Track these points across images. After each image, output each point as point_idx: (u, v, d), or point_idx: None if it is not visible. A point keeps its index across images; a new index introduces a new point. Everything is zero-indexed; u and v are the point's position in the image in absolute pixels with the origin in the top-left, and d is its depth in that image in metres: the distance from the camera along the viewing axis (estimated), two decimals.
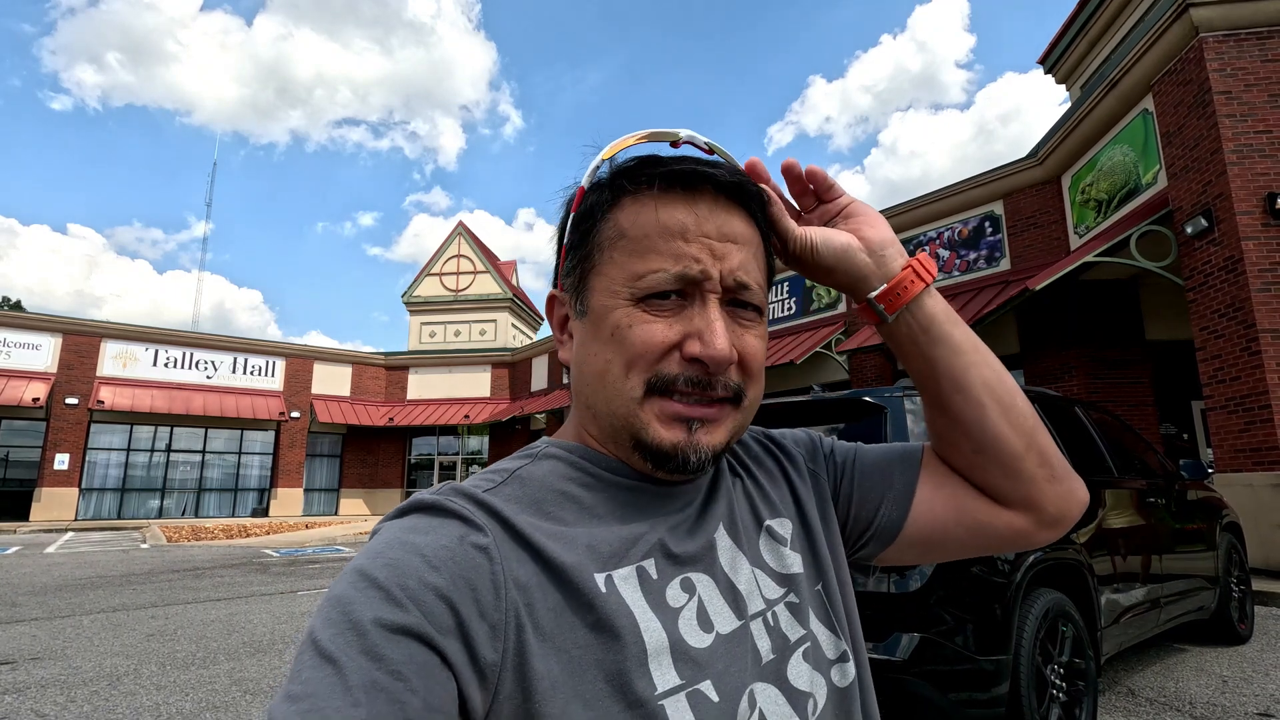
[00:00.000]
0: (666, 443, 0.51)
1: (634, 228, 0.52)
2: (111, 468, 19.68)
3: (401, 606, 0.40)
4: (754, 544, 0.58)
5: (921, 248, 12.16)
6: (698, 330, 0.51)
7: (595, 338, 0.53)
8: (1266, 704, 3.32)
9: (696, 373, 0.51)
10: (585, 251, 0.55)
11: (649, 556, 0.51)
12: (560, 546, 0.48)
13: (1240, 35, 7.18)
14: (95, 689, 3.78)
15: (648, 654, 0.46)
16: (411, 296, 25.07)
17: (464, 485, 0.50)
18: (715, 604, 0.51)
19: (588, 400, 0.55)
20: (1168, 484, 4.19)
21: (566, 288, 0.57)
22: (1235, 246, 6.87)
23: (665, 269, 0.51)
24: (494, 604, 0.43)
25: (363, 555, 0.44)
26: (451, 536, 0.45)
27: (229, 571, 8.88)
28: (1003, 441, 0.59)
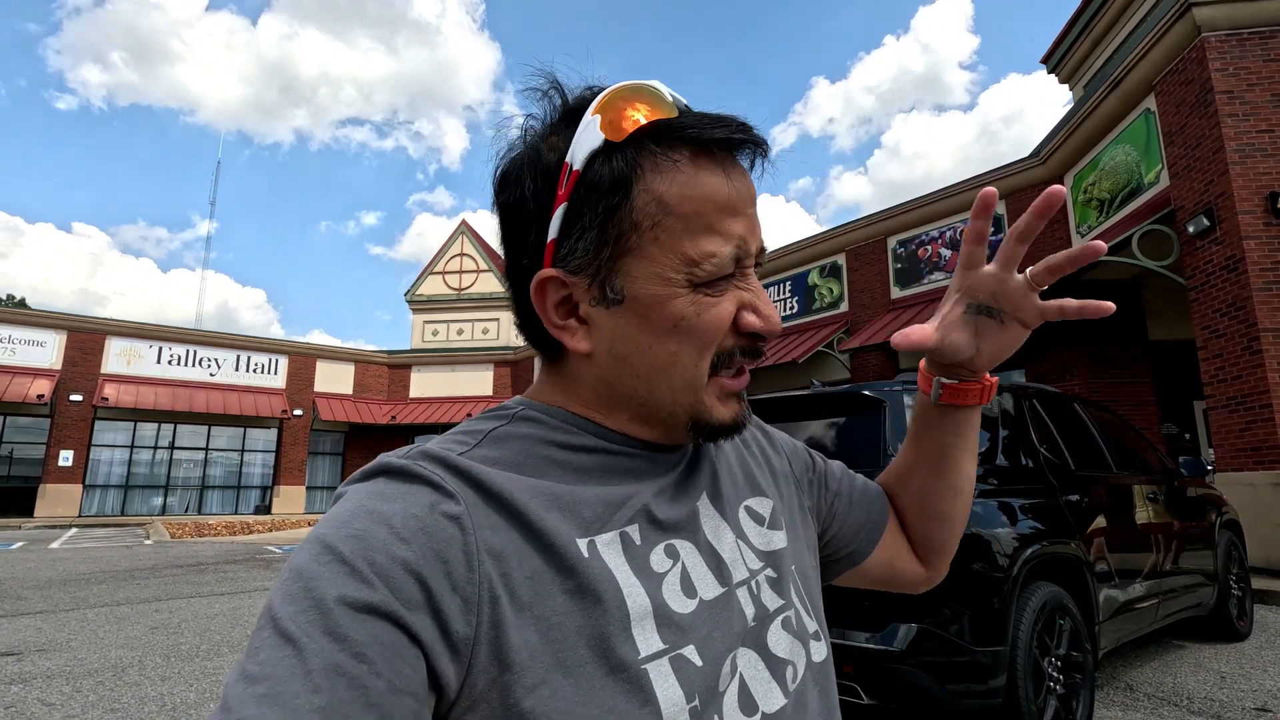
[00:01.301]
0: (728, 419, 0.52)
1: (681, 203, 0.47)
2: (115, 465, 19.73)
3: (367, 583, 0.38)
4: (736, 516, 0.58)
5: (924, 247, 12.18)
6: (749, 304, 0.50)
7: (648, 330, 0.48)
8: (1264, 700, 3.33)
9: (751, 343, 0.51)
10: (615, 230, 0.47)
11: (633, 522, 0.49)
12: (540, 507, 0.45)
13: (1243, 35, 7.18)
14: (100, 679, 3.82)
15: (630, 618, 0.44)
16: (415, 295, 25.12)
17: (434, 448, 0.47)
18: (699, 570, 0.50)
19: (634, 392, 0.51)
20: (1167, 481, 4.21)
21: (575, 269, 0.49)
22: (1237, 246, 6.88)
23: (722, 252, 0.48)
24: (466, 576, 0.41)
25: (326, 523, 0.42)
26: (421, 505, 0.42)
27: (232, 567, 8.92)
28: (953, 519, 0.72)
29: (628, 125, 0.47)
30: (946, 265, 11.79)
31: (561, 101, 0.51)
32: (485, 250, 25.72)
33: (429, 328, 24.99)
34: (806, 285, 14.29)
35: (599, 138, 0.47)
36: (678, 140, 0.47)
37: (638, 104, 0.47)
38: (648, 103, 0.48)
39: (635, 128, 0.47)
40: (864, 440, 2.91)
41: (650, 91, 0.48)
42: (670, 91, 0.49)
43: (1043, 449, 3.30)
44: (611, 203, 0.47)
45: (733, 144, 0.49)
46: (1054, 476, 3.20)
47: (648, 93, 0.48)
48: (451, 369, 24.04)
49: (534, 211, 0.50)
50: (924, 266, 12.14)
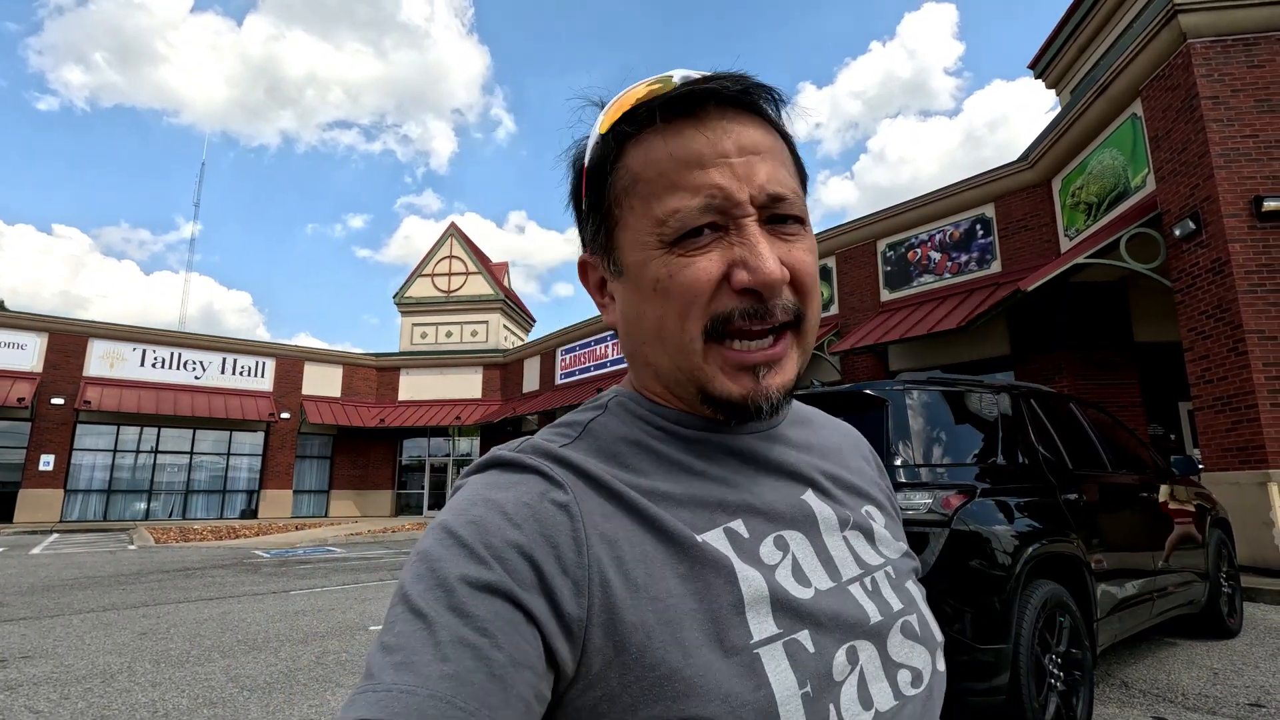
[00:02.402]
0: (735, 395, 0.49)
1: (646, 169, 0.49)
2: (97, 469, 19.43)
3: (485, 564, 0.41)
4: (855, 515, 0.56)
5: (914, 250, 12.27)
6: (740, 258, 0.47)
7: (640, 295, 0.50)
8: (1257, 695, 3.37)
9: (750, 303, 0.47)
10: (604, 208, 0.52)
11: (736, 516, 0.49)
12: (645, 497, 0.47)
13: (1227, 41, 7.30)
14: (89, 686, 3.75)
15: (745, 603, 0.45)
16: (403, 297, 24.96)
17: (539, 441, 0.50)
18: (810, 562, 0.50)
19: (646, 358, 0.52)
20: (1159, 480, 4.25)
21: (594, 250, 0.54)
22: (1222, 249, 6.98)
23: (687, 204, 0.47)
24: (576, 560, 0.43)
25: (447, 511, 0.45)
26: (532, 493, 0.45)
27: (219, 572, 8.80)
28: None
29: (610, 117, 0.51)
30: (936, 268, 11.88)
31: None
32: (474, 253, 25.61)
33: (417, 330, 24.84)
34: None
35: (595, 135, 0.53)
36: (648, 118, 0.49)
37: (630, 97, 0.51)
38: (635, 93, 0.51)
39: (615, 117, 0.51)
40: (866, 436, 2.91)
41: (650, 82, 0.51)
42: (683, 73, 0.51)
43: (1041, 448, 3.33)
44: (599, 184, 0.52)
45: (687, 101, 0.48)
46: (1052, 475, 3.23)
47: (645, 83, 0.51)
48: (440, 371, 23.90)
49: (573, 206, 0.57)
50: (913, 269, 12.23)
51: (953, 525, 2.67)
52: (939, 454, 3.02)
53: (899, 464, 2.81)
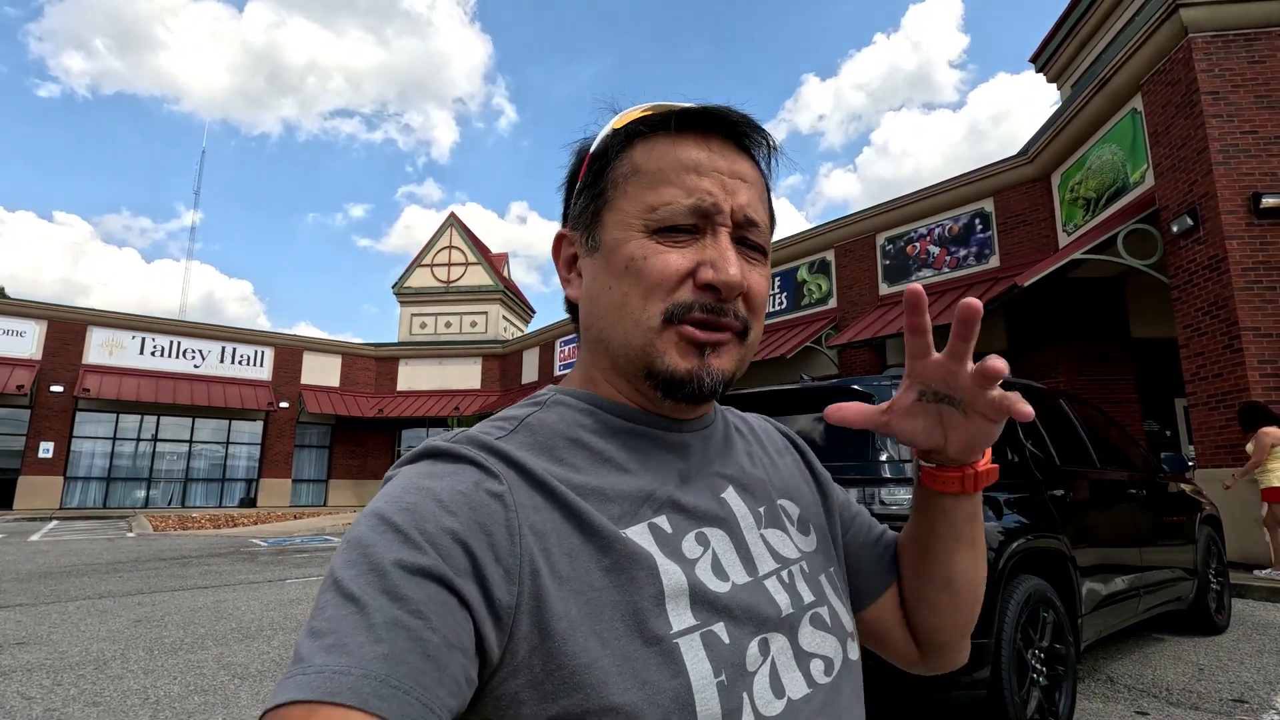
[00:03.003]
0: (681, 369, 0.52)
1: (648, 162, 0.54)
2: (97, 456, 19.49)
3: (419, 549, 0.41)
4: (770, 509, 0.59)
5: (913, 244, 12.24)
6: (710, 259, 0.52)
7: (609, 272, 0.54)
8: (1241, 691, 3.39)
9: (709, 299, 0.52)
10: (599, 189, 0.56)
11: (660, 512, 0.51)
12: (575, 492, 0.49)
13: (1228, 36, 7.26)
14: (82, 673, 3.77)
15: (665, 595, 0.47)
16: (402, 287, 24.94)
17: (475, 433, 0.51)
18: (729, 557, 0.52)
19: (600, 333, 0.55)
20: (1149, 477, 4.26)
21: (576, 226, 0.58)
22: (1219, 245, 6.96)
23: (679, 200, 0.52)
24: (509, 549, 0.44)
25: (379, 499, 0.45)
26: (466, 482, 0.45)
27: (216, 560, 8.85)
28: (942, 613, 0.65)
29: (626, 117, 0.57)
30: (935, 262, 11.86)
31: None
32: (474, 243, 25.57)
33: (416, 320, 24.83)
34: (795, 281, 14.33)
35: (608, 129, 0.58)
36: (661, 124, 0.55)
37: (650, 106, 0.57)
38: (658, 106, 0.57)
39: (633, 119, 0.56)
40: (853, 434, 2.92)
41: (666, 103, 0.57)
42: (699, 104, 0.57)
43: (1028, 444, 3.34)
44: (600, 167, 0.56)
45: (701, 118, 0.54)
46: (1039, 471, 3.23)
47: (663, 103, 0.57)
48: (439, 362, 23.91)
49: (567, 187, 0.61)
50: (913, 263, 12.21)
51: None
52: None
53: (884, 459, 2.82)
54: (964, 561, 0.62)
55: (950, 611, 0.64)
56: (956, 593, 0.63)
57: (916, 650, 0.68)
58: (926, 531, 0.62)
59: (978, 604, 0.65)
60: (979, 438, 0.54)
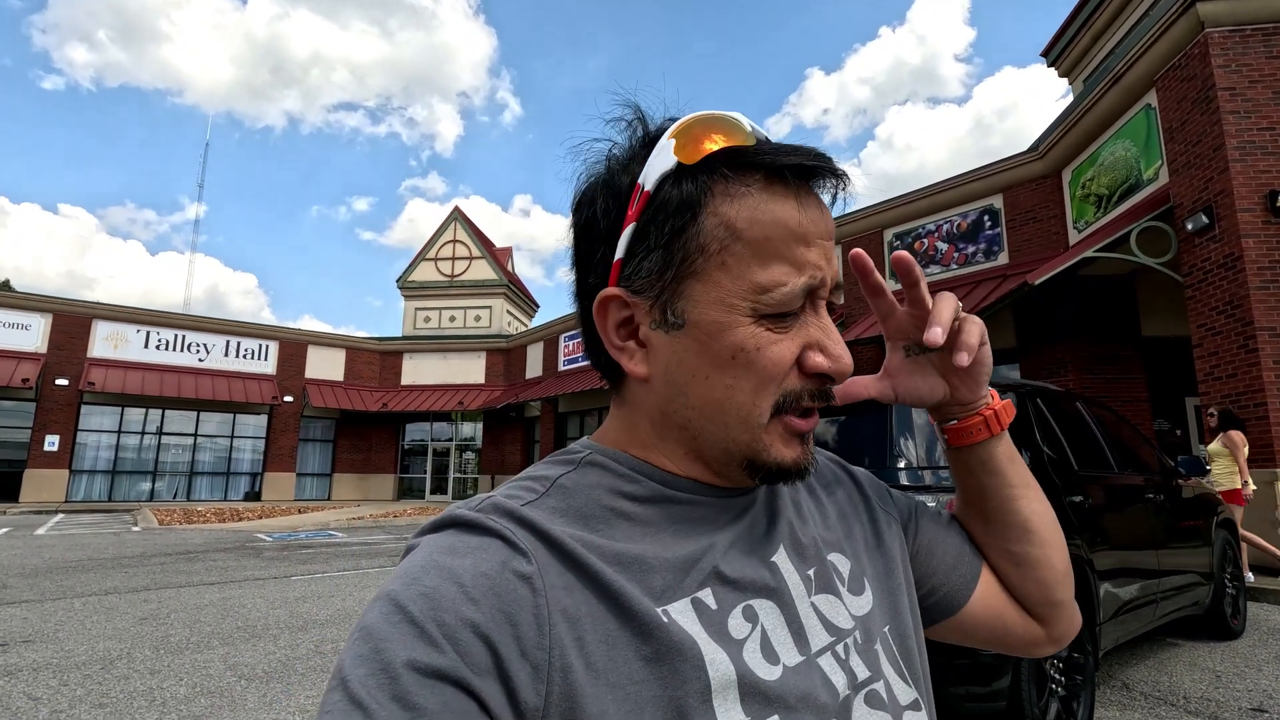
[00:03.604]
0: (789, 460, 0.48)
1: (751, 228, 0.46)
2: (102, 450, 19.54)
3: (436, 646, 0.37)
4: (820, 572, 0.54)
5: (920, 240, 12.15)
6: (817, 341, 0.47)
7: (706, 358, 0.47)
8: (1260, 699, 3.34)
9: (819, 385, 0.48)
10: (680, 252, 0.47)
11: (705, 585, 0.47)
12: (612, 569, 0.44)
13: (1246, 31, 7.14)
14: (88, 673, 3.76)
15: (711, 689, 0.42)
16: (406, 281, 24.92)
17: (502, 499, 0.46)
18: (779, 634, 0.48)
19: (687, 423, 0.49)
20: (1165, 480, 4.20)
21: (639, 290, 0.48)
22: (1235, 244, 6.87)
23: (792, 282, 0.46)
24: (537, 641, 0.39)
25: (397, 578, 0.41)
26: (493, 563, 0.41)
27: (221, 555, 8.85)
28: (1039, 564, 0.63)
29: (701, 150, 0.47)
30: (943, 259, 11.77)
31: (644, 131, 0.51)
32: (478, 237, 25.52)
33: (421, 314, 24.82)
34: None
35: (672, 161, 0.47)
36: (751, 166, 0.47)
37: (714, 131, 0.47)
38: (724, 130, 0.47)
39: (708, 152, 0.46)
40: (870, 440, 2.87)
41: (729, 120, 0.48)
42: (751, 123, 0.49)
43: (1046, 448, 3.28)
44: (679, 224, 0.47)
45: (806, 171, 0.47)
46: (1057, 476, 3.18)
47: (726, 121, 0.48)
48: (443, 356, 23.90)
49: (603, 230, 0.50)
50: (920, 260, 12.12)
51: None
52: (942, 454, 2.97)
53: (902, 465, 2.77)
54: (1030, 504, 0.62)
55: (1044, 560, 0.63)
56: (1042, 538, 0.63)
57: (1037, 625, 0.65)
58: (980, 492, 0.62)
59: (1063, 542, 0.65)
60: (978, 369, 0.57)
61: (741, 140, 0.47)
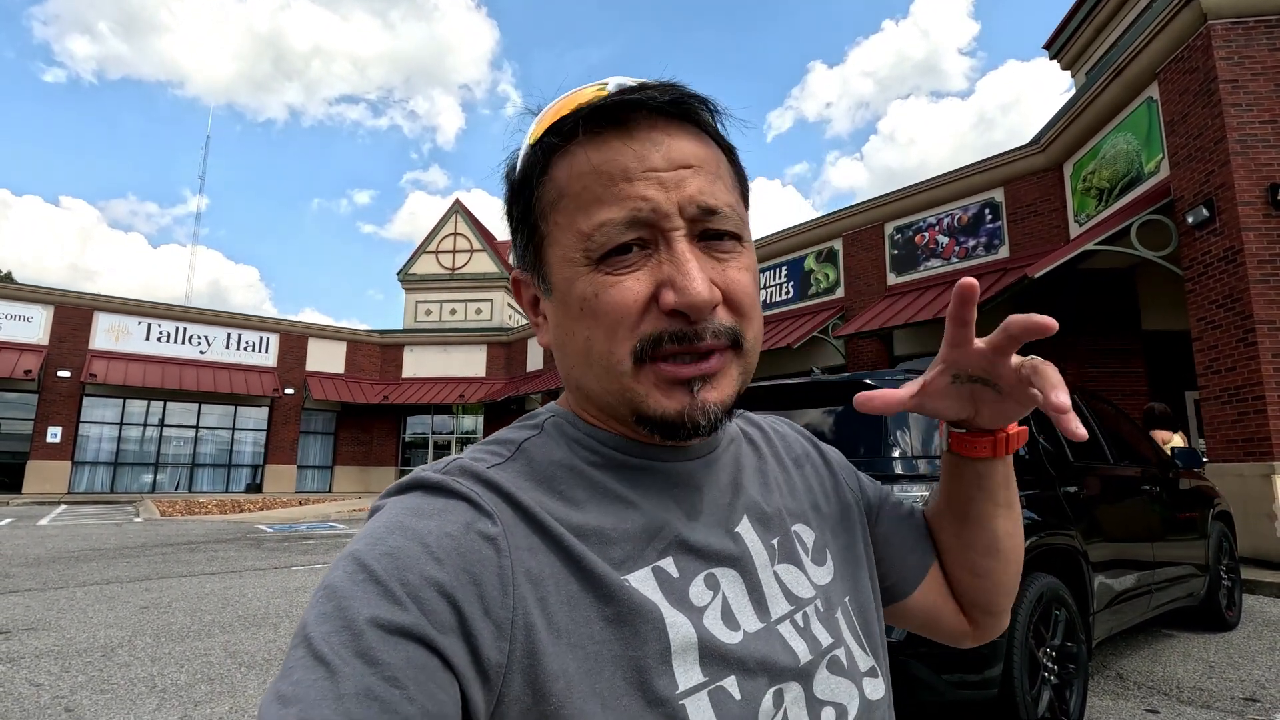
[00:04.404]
0: (670, 411, 0.46)
1: (572, 182, 0.47)
2: (104, 441, 19.61)
3: (400, 604, 0.37)
4: (784, 543, 0.55)
5: (921, 234, 12.13)
6: (668, 277, 0.45)
7: (568, 315, 0.48)
8: (1252, 689, 3.36)
9: (679, 325, 0.45)
10: (531, 224, 0.49)
11: (666, 554, 0.47)
12: (574, 533, 0.45)
13: (1249, 23, 7.11)
14: (89, 660, 3.79)
15: (671, 651, 0.43)
16: (407, 274, 24.91)
17: (469, 462, 0.47)
18: (740, 601, 0.49)
19: (578, 381, 0.50)
20: (1162, 472, 4.21)
21: (525, 267, 0.52)
22: (1236, 237, 6.86)
23: (612, 218, 0.45)
24: (500, 600, 0.40)
25: (361, 538, 0.41)
26: (457, 524, 0.42)
27: (223, 546, 8.89)
28: (992, 578, 0.65)
29: (539, 127, 0.49)
30: (943, 252, 11.75)
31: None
32: (479, 230, 25.49)
33: (421, 307, 24.82)
34: (802, 270, 14.24)
35: (524, 144, 0.51)
36: (568, 125, 0.47)
37: (564, 104, 0.48)
38: (570, 99, 0.49)
39: (543, 129, 0.49)
40: (864, 431, 2.88)
41: (583, 89, 0.49)
42: (621, 80, 0.48)
43: (1041, 440, 3.29)
44: (526, 199, 0.50)
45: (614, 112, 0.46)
46: (1052, 467, 3.19)
47: (578, 91, 0.49)
48: (444, 349, 23.92)
49: (508, 221, 0.54)
50: (921, 253, 12.10)
51: None
52: (938, 445, 2.98)
53: (896, 455, 2.78)
54: (1006, 524, 0.63)
55: (999, 576, 0.64)
56: (1004, 556, 0.64)
57: (966, 623, 0.68)
58: (964, 500, 0.62)
59: (1021, 561, 0.66)
60: (1011, 413, 0.55)
61: (583, 102, 0.47)
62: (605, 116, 0.46)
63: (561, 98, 0.50)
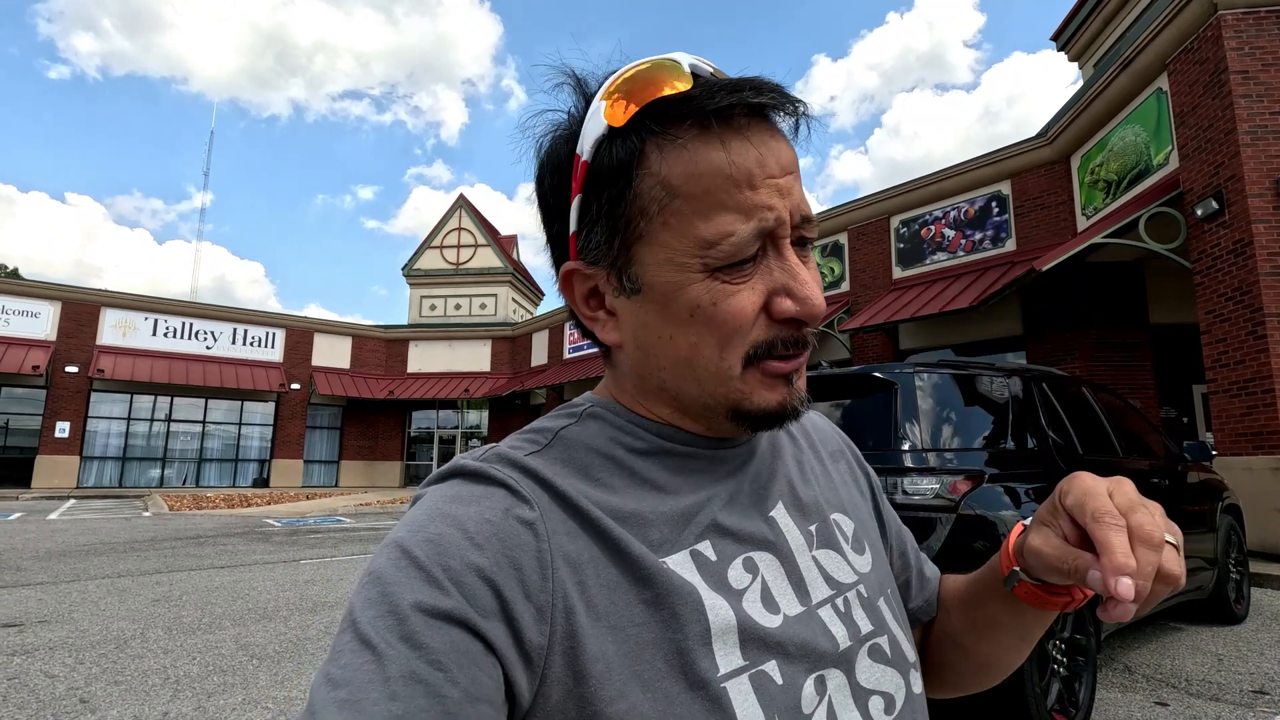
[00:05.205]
0: (773, 404, 0.47)
1: (688, 183, 0.43)
2: (112, 436, 19.72)
3: (442, 589, 0.38)
4: (822, 529, 0.55)
5: (927, 227, 12.08)
6: (783, 285, 0.45)
7: (667, 319, 0.46)
8: (1261, 682, 3.36)
9: (790, 332, 0.46)
10: (622, 218, 0.45)
11: (704, 538, 0.47)
12: (611, 516, 0.45)
13: (1260, 13, 7.04)
14: (103, 652, 3.82)
15: (711, 633, 0.43)
16: (412, 269, 24.93)
17: (506, 450, 0.47)
18: (780, 585, 0.48)
19: (664, 384, 0.49)
20: (1171, 465, 4.20)
21: (596, 262, 0.48)
22: (1245, 229, 6.81)
23: (739, 229, 0.43)
24: (540, 584, 0.40)
25: (404, 526, 0.42)
26: (496, 510, 0.42)
27: (231, 540, 8.95)
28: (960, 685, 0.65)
29: (629, 109, 0.44)
30: (949, 245, 11.71)
31: (584, 96, 0.49)
32: (483, 225, 25.49)
33: (426, 302, 24.85)
34: None
35: (603, 125, 0.45)
36: (680, 117, 0.44)
37: (644, 85, 0.45)
38: (654, 81, 0.44)
39: (633, 109, 0.44)
40: (874, 423, 2.88)
41: (662, 67, 0.45)
42: (693, 61, 0.46)
43: (1050, 432, 3.29)
44: (616, 191, 0.45)
45: (736, 110, 0.44)
46: (1062, 460, 3.19)
47: (659, 69, 0.45)
48: (449, 344, 23.95)
49: (555, 206, 0.50)
50: (926, 247, 12.06)
51: (959, 510, 2.65)
52: (947, 438, 2.98)
53: (906, 448, 2.78)
54: (1016, 655, 0.60)
55: (966, 681, 0.64)
56: (986, 675, 0.63)
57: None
58: (991, 624, 0.57)
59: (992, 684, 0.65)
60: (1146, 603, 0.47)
61: (674, 87, 0.44)
62: (726, 114, 0.44)
63: (632, 71, 0.46)
